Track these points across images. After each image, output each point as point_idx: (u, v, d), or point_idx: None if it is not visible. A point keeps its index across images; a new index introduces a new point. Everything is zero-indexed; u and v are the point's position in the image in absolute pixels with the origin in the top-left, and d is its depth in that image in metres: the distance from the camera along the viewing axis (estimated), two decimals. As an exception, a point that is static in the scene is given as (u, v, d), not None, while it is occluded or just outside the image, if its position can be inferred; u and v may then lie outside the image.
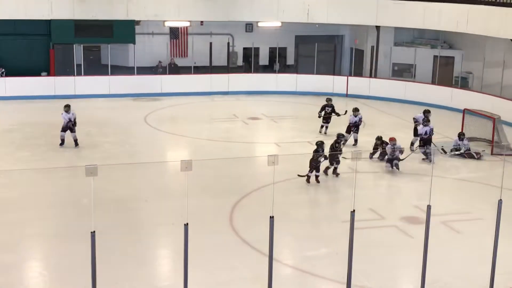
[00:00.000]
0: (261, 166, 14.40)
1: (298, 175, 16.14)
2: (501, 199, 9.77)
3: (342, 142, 17.59)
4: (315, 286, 11.30)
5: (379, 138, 18.43)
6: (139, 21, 28.56)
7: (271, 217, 8.76)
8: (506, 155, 19.20)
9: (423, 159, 18.73)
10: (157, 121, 23.67)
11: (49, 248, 12.58)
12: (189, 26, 29.83)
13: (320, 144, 16.31)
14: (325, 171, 16.64)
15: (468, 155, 19.00)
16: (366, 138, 20.03)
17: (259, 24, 30.17)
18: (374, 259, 11.81)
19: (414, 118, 20.35)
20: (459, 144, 19.30)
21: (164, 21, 28.91)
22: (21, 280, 11.22)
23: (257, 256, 11.69)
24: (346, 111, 21.42)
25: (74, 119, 19.18)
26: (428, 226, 9.58)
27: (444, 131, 21.79)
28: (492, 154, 19.54)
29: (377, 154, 18.36)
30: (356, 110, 20.36)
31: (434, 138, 19.66)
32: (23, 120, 23.12)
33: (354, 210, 9.10)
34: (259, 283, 9.44)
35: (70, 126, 19.07)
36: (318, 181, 16.09)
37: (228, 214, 14.21)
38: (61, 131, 19.05)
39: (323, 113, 21.66)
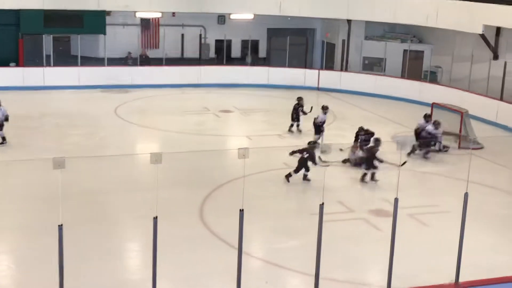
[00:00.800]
0: (232, 159, 14.47)
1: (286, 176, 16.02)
2: (467, 192, 9.91)
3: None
4: (284, 278, 11.34)
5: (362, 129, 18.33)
6: (110, 11, 28.30)
7: (241, 210, 8.78)
8: (473, 148, 19.43)
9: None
10: (127, 113, 23.51)
11: (16, 242, 12.45)
12: (161, 17, 29.69)
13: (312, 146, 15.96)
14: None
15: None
16: (337, 132, 20.16)
17: (232, 17, 30.14)
18: (342, 252, 11.90)
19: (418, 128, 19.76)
20: (429, 132, 19.32)
21: (136, 11, 28.72)
22: (-12, 273, 11.14)
23: (226, 249, 11.69)
24: (312, 107, 20.95)
25: (7, 116, 18.22)
26: (396, 219, 9.67)
27: (412, 124, 22.02)
28: (459, 147, 19.74)
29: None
30: (326, 107, 20.02)
31: (402, 132, 19.87)
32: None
33: (323, 203, 9.16)
34: (228, 275, 9.45)
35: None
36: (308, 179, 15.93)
37: (199, 207, 14.20)
38: None
39: (294, 114, 21.13)
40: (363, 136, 18.25)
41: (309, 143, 16.24)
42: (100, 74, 27.68)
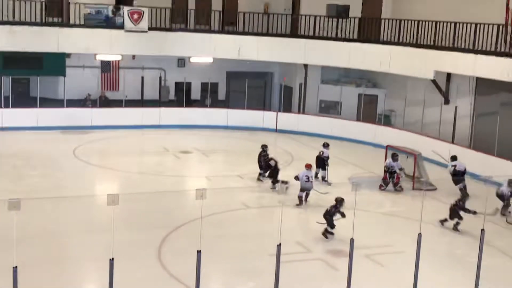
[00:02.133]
0: (191, 200, 14.27)
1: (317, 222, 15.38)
2: (420, 233, 10.02)
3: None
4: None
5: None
6: (70, 54, 28.16)
7: (198, 251, 8.71)
8: (426, 190, 19.64)
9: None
10: (86, 154, 23.17)
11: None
12: (121, 59, 29.60)
13: (340, 201, 15.37)
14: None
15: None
16: (294, 171, 20.17)
17: (191, 60, 30.27)
18: (300, 292, 11.86)
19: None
20: (393, 166, 19.76)
21: (96, 54, 28.61)
22: None
23: (185, 291, 11.56)
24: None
25: None
26: (352, 259, 9.71)
27: (368, 166, 22.27)
28: (413, 189, 19.99)
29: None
30: (327, 144, 20.79)
31: (358, 174, 20.05)
32: None
33: (280, 244, 9.15)
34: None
35: None
36: (326, 237, 15.24)
37: (157, 249, 14.01)
38: None
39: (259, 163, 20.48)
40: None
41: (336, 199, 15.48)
42: (59, 115, 27.32)
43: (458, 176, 19.74)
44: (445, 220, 16.22)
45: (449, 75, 25.24)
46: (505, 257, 14.54)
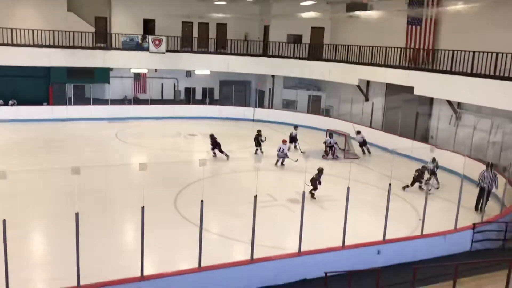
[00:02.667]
0: (196, 167, 14.35)
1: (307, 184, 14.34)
2: (348, 187, 10.18)
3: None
4: (231, 245, 11.38)
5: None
6: (112, 68, 27.89)
7: (202, 201, 8.77)
8: (352, 158, 19.94)
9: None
10: (125, 137, 23.02)
11: (46, 224, 12.05)
12: (147, 72, 29.35)
13: (321, 170, 14.89)
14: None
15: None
16: (268, 148, 20.20)
17: (195, 72, 30.04)
18: (269, 227, 11.99)
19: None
20: (330, 142, 20.14)
21: (130, 68, 28.32)
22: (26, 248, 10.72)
23: (192, 228, 11.61)
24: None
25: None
26: (303, 205, 9.84)
27: (315, 143, 22.45)
28: (344, 158, 20.23)
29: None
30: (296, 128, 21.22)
31: (308, 148, 20.23)
32: (30, 136, 22.08)
33: (256, 196, 9.24)
34: (194, 246, 9.38)
35: None
36: (313, 196, 14.69)
37: (173, 200, 14.09)
38: None
39: (256, 142, 20.25)
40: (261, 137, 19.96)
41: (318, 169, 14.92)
42: (106, 110, 27.07)
43: (363, 144, 20.88)
44: (407, 186, 15.84)
45: (368, 82, 25.43)
46: (404, 201, 14.85)
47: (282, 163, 18.37)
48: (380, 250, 10.70)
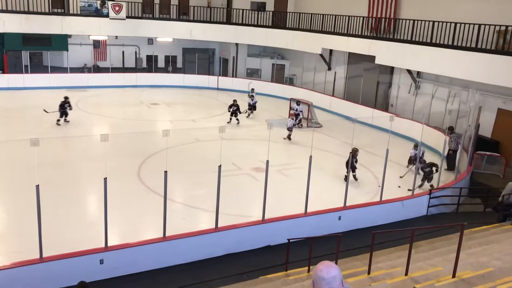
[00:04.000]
0: (159, 137, 14.11)
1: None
2: (311, 155, 10.31)
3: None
4: (196, 214, 11.38)
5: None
6: (71, 35, 26.81)
7: (165, 172, 8.69)
8: (315, 127, 20.14)
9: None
10: (85, 106, 22.35)
11: (7, 197, 11.68)
12: (107, 39, 28.36)
13: (354, 151, 13.74)
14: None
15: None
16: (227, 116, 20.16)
17: (157, 39, 29.29)
18: (233, 196, 12.05)
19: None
20: (297, 109, 20.01)
21: (89, 35, 27.27)
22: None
23: (157, 198, 11.53)
24: (246, 111, 20.96)
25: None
26: (267, 173, 9.92)
27: (278, 111, 22.51)
28: (307, 126, 20.38)
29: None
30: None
31: (272, 117, 20.22)
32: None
33: (220, 165, 9.24)
34: (158, 215, 9.35)
35: None
36: (355, 178, 13.92)
37: (137, 170, 13.90)
38: None
39: (231, 110, 20.15)
40: (233, 107, 19.92)
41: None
42: (65, 78, 26.08)
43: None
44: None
45: (331, 51, 25.49)
46: (365, 169, 15.16)
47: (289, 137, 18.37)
48: (341, 216, 10.99)
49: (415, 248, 8.68)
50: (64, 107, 18.73)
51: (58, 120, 18.65)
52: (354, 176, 13.87)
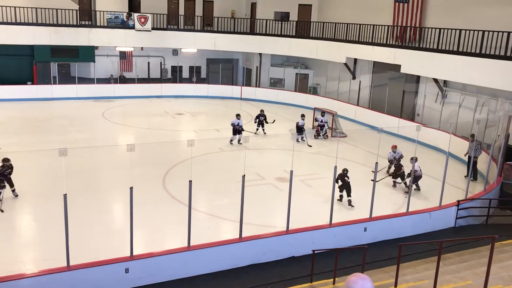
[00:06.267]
0: (184, 147, 14.27)
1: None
2: (336, 166, 10.22)
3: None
4: (219, 224, 11.40)
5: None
6: (98, 46, 27.40)
7: (190, 181, 8.75)
8: (340, 137, 20.01)
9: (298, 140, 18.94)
10: (111, 116, 22.78)
11: (35, 205, 11.93)
12: (133, 50, 28.90)
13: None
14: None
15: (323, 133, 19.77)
16: (254, 126, 20.20)
17: (182, 50, 29.67)
18: (257, 206, 12.02)
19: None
20: (321, 120, 19.76)
21: (115, 46, 27.83)
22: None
23: (181, 207, 11.63)
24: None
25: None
26: (291, 183, 9.87)
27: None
28: (332, 136, 20.29)
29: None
30: (302, 115, 19.63)
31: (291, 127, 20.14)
32: (15, 115, 21.71)
33: (244, 175, 9.24)
34: (182, 224, 9.40)
35: None
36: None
37: (161, 179, 14.04)
38: None
39: (257, 120, 20.03)
40: (260, 117, 19.85)
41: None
42: (91, 89, 26.68)
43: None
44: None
45: (355, 60, 25.36)
46: (390, 179, 14.92)
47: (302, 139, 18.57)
48: (366, 228, 10.83)
49: (443, 260, 8.48)
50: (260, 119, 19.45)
51: (257, 130, 19.42)
52: (350, 201, 12.56)
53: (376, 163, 10.86)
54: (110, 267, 8.48)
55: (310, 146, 18.19)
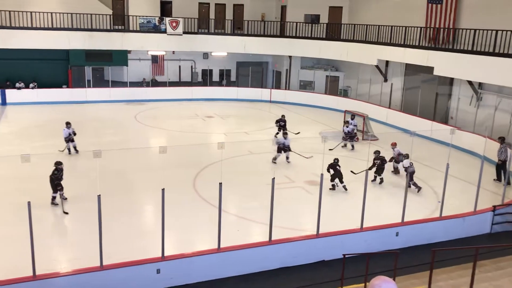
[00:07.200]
0: (214, 149, 14.38)
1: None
2: (367, 170, 10.10)
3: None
4: (249, 226, 11.42)
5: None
6: (130, 50, 27.98)
7: (220, 183, 8.81)
8: (371, 140, 19.76)
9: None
10: (143, 119, 23.20)
11: (70, 206, 12.26)
12: (165, 54, 29.35)
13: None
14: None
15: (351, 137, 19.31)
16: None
17: (212, 54, 29.93)
18: (287, 208, 12.01)
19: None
20: (351, 123, 19.08)
21: (148, 50, 28.35)
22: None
23: (211, 208, 11.74)
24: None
25: (74, 132, 16.57)
26: (321, 186, 9.82)
27: (332, 123, 22.29)
28: (363, 139, 20.05)
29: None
30: (347, 122, 19.07)
31: (326, 130, 19.97)
32: (50, 118, 22.38)
33: (274, 178, 9.25)
34: (212, 226, 9.47)
35: (71, 138, 16.59)
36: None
37: (192, 181, 14.19)
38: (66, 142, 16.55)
39: (278, 124, 19.69)
40: (281, 122, 19.46)
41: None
42: (124, 92, 27.28)
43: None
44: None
45: (387, 62, 25.02)
46: (423, 183, 14.64)
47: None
48: (398, 232, 10.65)
49: (479, 267, 8.26)
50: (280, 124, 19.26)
51: (277, 133, 19.18)
52: (344, 186, 13.52)
53: (409, 166, 10.65)
54: (142, 267, 8.63)
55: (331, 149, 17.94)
